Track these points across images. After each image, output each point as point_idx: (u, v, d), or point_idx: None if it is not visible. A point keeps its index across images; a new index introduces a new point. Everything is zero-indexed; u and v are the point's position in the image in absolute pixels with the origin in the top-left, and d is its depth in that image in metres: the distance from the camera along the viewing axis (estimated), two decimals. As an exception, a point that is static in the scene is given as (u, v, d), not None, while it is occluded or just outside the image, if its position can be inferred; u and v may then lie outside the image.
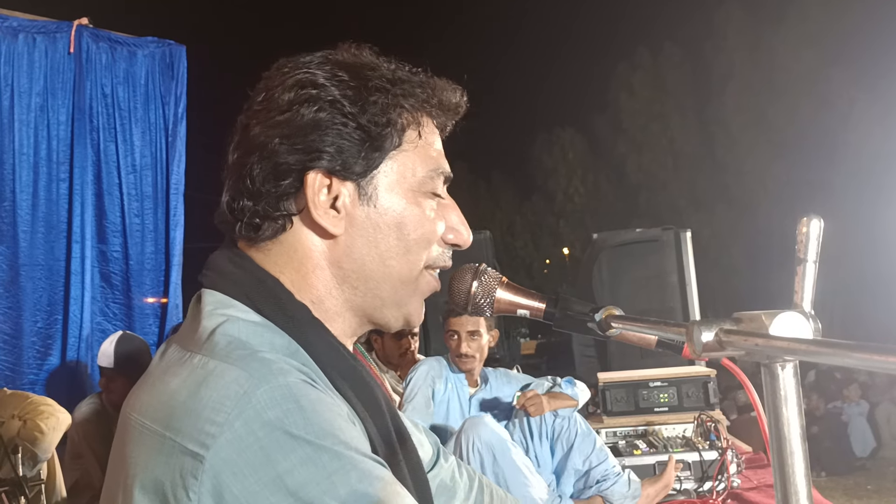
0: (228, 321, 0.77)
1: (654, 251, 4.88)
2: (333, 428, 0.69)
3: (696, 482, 3.01)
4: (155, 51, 4.45)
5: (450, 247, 0.91)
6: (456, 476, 1.10)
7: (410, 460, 0.85)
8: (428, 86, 0.88)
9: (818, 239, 0.62)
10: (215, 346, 0.74)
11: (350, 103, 0.82)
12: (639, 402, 3.56)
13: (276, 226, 0.84)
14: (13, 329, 3.86)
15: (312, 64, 0.84)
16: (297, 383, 0.70)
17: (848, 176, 17.02)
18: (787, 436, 0.57)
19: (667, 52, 24.31)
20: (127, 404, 0.79)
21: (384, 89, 0.84)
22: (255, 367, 0.70)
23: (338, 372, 0.80)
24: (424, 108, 0.88)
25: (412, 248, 0.86)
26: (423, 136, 0.87)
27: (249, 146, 0.83)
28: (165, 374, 0.76)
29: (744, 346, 0.57)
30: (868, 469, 8.98)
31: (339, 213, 0.83)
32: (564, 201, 27.73)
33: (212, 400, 0.68)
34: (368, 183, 0.84)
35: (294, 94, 0.82)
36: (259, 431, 0.66)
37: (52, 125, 4.09)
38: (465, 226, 0.91)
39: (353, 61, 0.86)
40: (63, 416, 3.09)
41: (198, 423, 0.68)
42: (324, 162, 0.81)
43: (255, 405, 0.67)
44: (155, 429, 0.71)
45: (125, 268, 4.30)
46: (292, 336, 0.79)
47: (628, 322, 0.88)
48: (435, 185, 0.88)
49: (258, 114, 0.84)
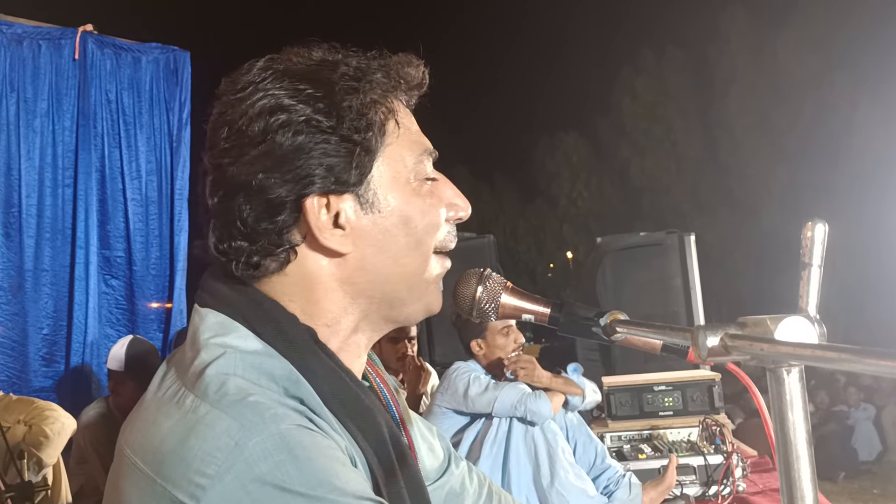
0: (224, 356, 0.74)
1: (658, 255, 4.88)
2: (328, 475, 0.67)
3: (701, 486, 3.00)
4: (159, 57, 4.47)
5: (453, 223, 0.89)
6: (466, 482, 1.10)
7: (410, 483, 0.83)
8: (389, 68, 0.84)
9: (823, 243, 0.62)
10: (207, 388, 0.71)
11: (325, 117, 0.78)
12: (643, 406, 3.55)
13: (279, 260, 0.80)
14: (19, 335, 3.87)
15: (267, 82, 0.79)
16: (291, 430, 0.68)
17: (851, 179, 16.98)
18: (793, 440, 0.57)
19: (670, 56, 24.30)
20: (122, 435, 0.78)
21: (353, 89, 0.80)
22: (246, 416, 0.68)
23: (339, 401, 0.77)
24: (392, 92, 0.85)
25: (422, 240, 0.85)
26: (401, 122, 0.84)
27: (230, 187, 0.79)
28: (159, 411, 0.74)
29: (749, 351, 0.57)
30: (874, 473, 8.94)
31: (345, 229, 0.81)
32: (568, 205, 27.71)
33: (201, 451, 0.67)
34: (366, 190, 0.81)
35: (264, 122, 0.77)
36: (250, 485, 0.65)
37: (56, 131, 4.10)
38: (461, 197, 0.89)
39: (307, 67, 0.81)
40: (68, 421, 3.10)
41: (187, 473, 0.67)
42: (317, 185, 0.78)
43: (246, 458, 0.65)
44: (146, 472, 0.70)
45: (129, 273, 4.31)
46: (293, 363, 0.76)
47: (633, 327, 0.88)
48: (426, 168, 0.86)
49: (228, 151, 0.79)
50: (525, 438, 2.70)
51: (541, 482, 2.66)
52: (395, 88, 0.85)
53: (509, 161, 36.23)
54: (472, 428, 2.80)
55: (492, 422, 2.74)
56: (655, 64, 24.59)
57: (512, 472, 2.68)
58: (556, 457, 2.67)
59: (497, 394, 2.74)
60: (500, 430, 2.71)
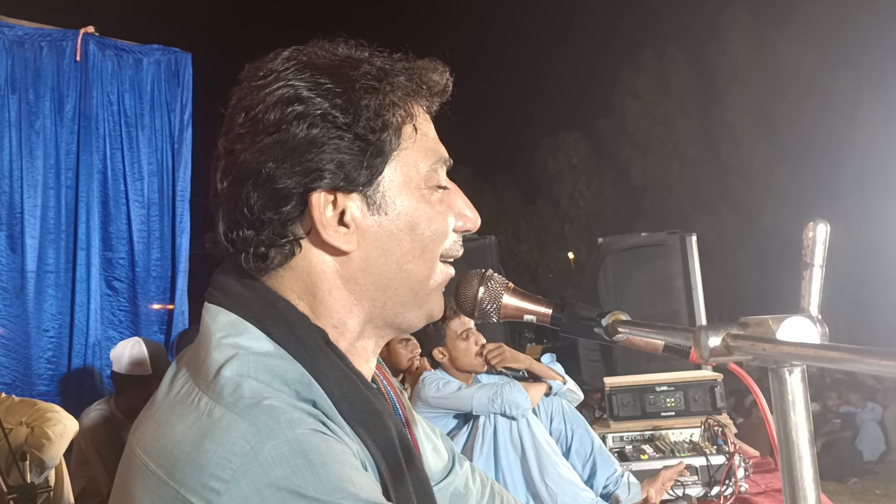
0: (237, 357, 0.74)
1: (660, 255, 4.88)
2: (342, 481, 0.67)
3: (703, 487, 3.00)
4: (161, 58, 4.47)
5: (461, 234, 0.89)
6: (469, 483, 1.10)
7: (418, 485, 0.83)
8: (413, 72, 0.83)
9: (825, 243, 0.62)
10: (222, 390, 0.71)
11: (342, 113, 0.77)
12: (645, 406, 3.55)
13: (284, 252, 0.80)
14: (21, 337, 3.87)
15: (289, 72, 0.79)
16: (306, 435, 0.68)
17: (853, 178, 16.98)
18: (796, 440, 0.57)
19: (671, 56, 24.31)
20: (133, 436, 0.77)
21: (373, 88, 0.79)
22: (262, 420, 0.68)
23: (349, 404, 0.77)
24: (414, 97, 0.84)
25: (428, 247, 0.84)
26: (419, 128, 0.83)
27: (240, 173, 0.78)
28: (172, 413, 0.74)
29: (751, 351, 0.57)
30: (877, 473, 8.92)
31: (349, 227, 0.80)
32: (569, 206, 27.73)
33: (216, 455, 0.66)
34: (375, 191, 0.80)
35: (280, 112, 0.77)
36: (265, 491, 0.64)
37: (58, 133, 4.11)
38: (471, 209, 0.88)
39: (330, 61, 0.81)
40: (70, 422, 3.10)
41: (202, 477, 0.66)
42: (325, 181, 0.77)
43: (261, 462, 0.65)
44: (159, 474, 0.70)
45: (131, 275, 4.30)
46: (305, 365, 0.76)
47: (635, 327, 0.88)
48: (439, 177, 0.85)
49: (242, 137, 0.78)
50: (511, 435, 2.72)
51: (531, 477, 2.68)
52: (416, 93, 0.84)
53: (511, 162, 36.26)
54: (462, 433, 2.82)
55: (478, 424, 2.76)
56: (656, 64, 24.60)
57: (504, 471, 2.70)
58: (542, 450, 2.68)
59: (472, 391, 2.77)
60: (487, 431, 2.73)
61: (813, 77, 18.95)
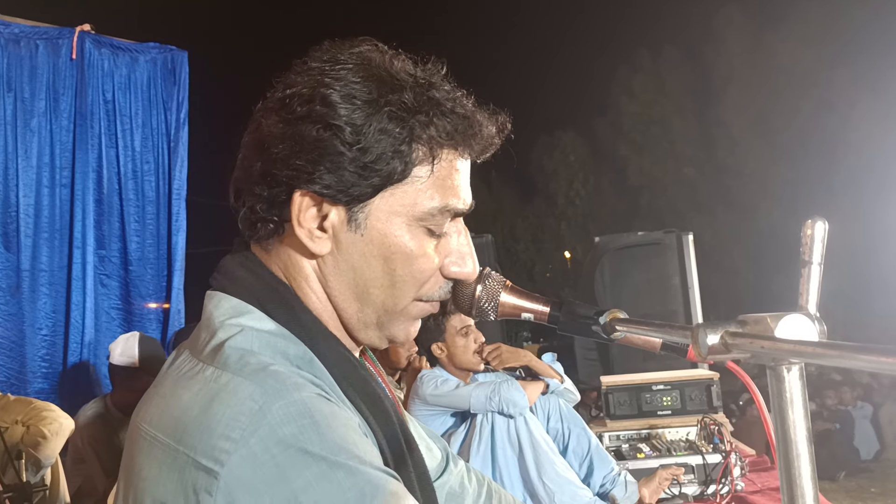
0: (241, 332, 0.76)
1: (656, 254, 4.88)
2: (347, 443, 0.68)
3: (699, 485, 3.01)
4: (157, 56, 4.46)
5: (451, 280, 0.88)
6: (465, 482, 1.10)
7: (419, 469, 0.85)
8: (458, 116, 0.82)
9: (823, 241, 0.62)
10: (227, 359, 0.73)
11: (354, 131, 0.77)
12: (642, 405, 3.56)
13: (268, 228, 0.83)
14: (17, 336, 3.86)
15: (336, 70, 0.80)
16: (312, 398, 0.70)
17: (849, 177, 17.01)
18: (794, 438, 0.57)
19: (667, 55, 24.31)
20: (137, 414, 0.78)
21: (401, 119, 0.78)
22: (269, 383, 0.69)
23: (349, 383, 0.79)
24: (448, 140, 0.82)
25: (398, 283, 0.83)
26: (437, 170, 0.82)
27: (255, 145, 0.82)
28: (176, 385, 0.75)
29: (749, 349, 0.57)
30: (872, 471, 8.95)
31: (326, 232, 0.82)
32: (566, 204, 27.71)
33: (226, 416, 0.68)
34: (360, 210, 0.81)
35: (307, 105, 0.79)
36: (274, 448, 0.66)
37: (54, 131, 4.09)
38: (470, 257, 0.87)
39: (377, 74, 0.80)
40: (66, 421, 3.09)
41: (211, 438, 0.67)
42: (315, 186, 0.79)
43: (270, 422, 0.67)
44: (167, 442, 0.70)
45: (127, 273, 4.29)
46: (307, 344, 0.79)
47: (633, 325, 0.88)
48: (439, 221, 0.83)
49: (270, 113, 0.82)
50: (508, 434, 2.72)
51: (528, 475, 2.68)
52: (454, 139, 0.82)
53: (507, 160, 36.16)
54: (459, 431, 2.82)
55: (476, 423, 2.76)
56: (652, 63, 24.61)
57: (502, 469, 2.71)
58: (540, 449, 2.68)
59: (470, 389, 2.77)
60: (485, 429, 2.74)
61: (809, 76, 18.97)
